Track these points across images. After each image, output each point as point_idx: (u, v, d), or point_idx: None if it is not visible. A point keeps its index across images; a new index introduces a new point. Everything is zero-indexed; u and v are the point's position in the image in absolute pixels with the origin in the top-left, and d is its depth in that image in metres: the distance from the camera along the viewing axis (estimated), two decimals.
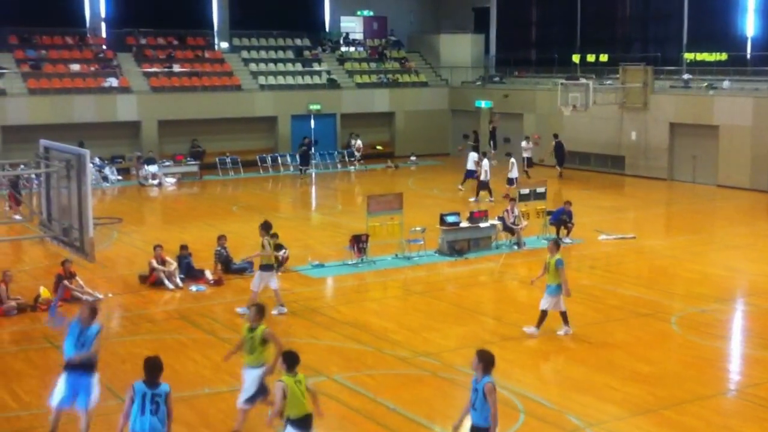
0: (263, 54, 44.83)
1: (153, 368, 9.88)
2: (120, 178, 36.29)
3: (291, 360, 10.22)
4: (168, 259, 19.77)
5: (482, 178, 30.60)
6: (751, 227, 26.76)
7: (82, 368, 11.30)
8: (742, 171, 33.25)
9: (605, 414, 12.56)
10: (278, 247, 20.91)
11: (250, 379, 11.55)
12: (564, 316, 15.91)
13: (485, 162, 30.87)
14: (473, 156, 32.62)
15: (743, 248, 23.91)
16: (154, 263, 19.53)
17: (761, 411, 12.66)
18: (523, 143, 36.50)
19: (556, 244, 16.21)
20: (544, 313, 15.83)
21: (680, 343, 16.00)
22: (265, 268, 17.16)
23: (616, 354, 15.05)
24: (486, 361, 9.67)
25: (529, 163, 35.92)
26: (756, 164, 32.83)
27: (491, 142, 40.10)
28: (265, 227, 17.38)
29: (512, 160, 31.57)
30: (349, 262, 21.38)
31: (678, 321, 16.99)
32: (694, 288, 19.53)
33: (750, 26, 37.14)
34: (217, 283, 19.68)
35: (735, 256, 23.02)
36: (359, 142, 41.29)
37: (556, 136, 36.92)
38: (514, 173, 31.14)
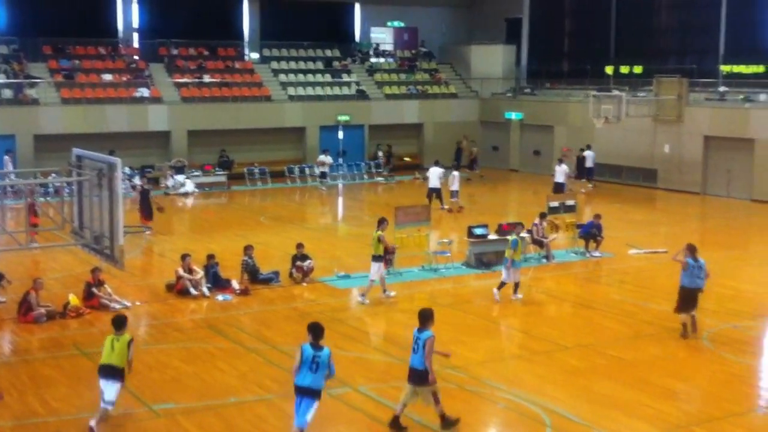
0: (293, 65, 44.97)
1: (421, 316, 12.37)
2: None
3: (118, 322, 12.48)
4: (195, 268, 19.79)
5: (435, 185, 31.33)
6: None
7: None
8: None
9: (635, 430, 12.36)
10: (303, 257, 20.90)
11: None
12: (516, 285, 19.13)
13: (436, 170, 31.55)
14: (436, 171, 32.07)
15: None
16: (181, 272, 19.56)
17: None
18: (556, 167, 33.44)
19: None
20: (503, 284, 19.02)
21: (712, 359, 15.73)
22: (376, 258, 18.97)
23: (647, 370, 14.83)
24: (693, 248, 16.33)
25: (558, 188, 32.01)
26: None
27: (456, 162, 39.92)
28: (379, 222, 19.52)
29: (454, 173, 31.56)
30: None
31: (710, 337, 16.71)
32: (727, 304, 19.21)
33: None
34: (244, 292, 19.65)
35: None
36: (380, 153, 41.76)
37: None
38: (455, 186, 31.19)
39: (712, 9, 39.11)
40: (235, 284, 19.87)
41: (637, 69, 41.85)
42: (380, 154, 41.95)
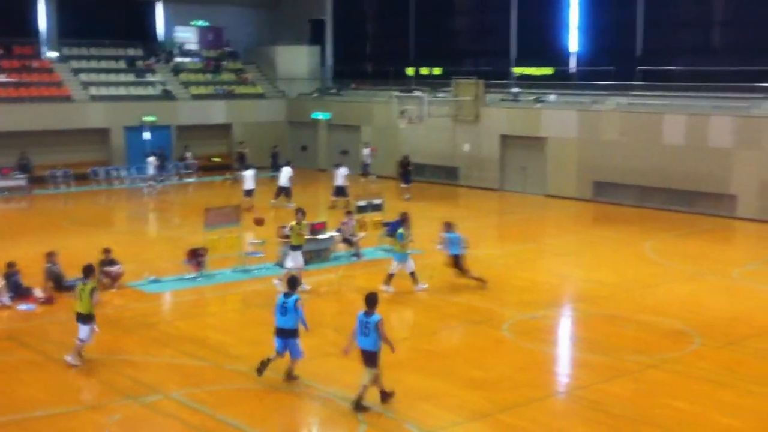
0: (94, 64, 43.49)
1: (370, 300, 13.18)
2: None
3: (86, 270, 15.23)
4: None
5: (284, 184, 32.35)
6: (577, 235, 28.12)
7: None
8: (568, 181, 34.89)
9: (443, 420, 12.87)
10: (111, 262, 20.36)
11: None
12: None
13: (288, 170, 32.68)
14: (287, 171, 32.89)
15: (570, 255, 25.11)
16: None
17: (588, 411, 13.28)
18: (335, 170, 33.43)
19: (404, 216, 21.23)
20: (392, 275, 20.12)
21: (512, 348, 16.57)
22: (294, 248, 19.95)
23: (453, 361, 15.46)
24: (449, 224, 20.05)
25: (339, 191, 32.65)
26: (580, 174, 34.52)
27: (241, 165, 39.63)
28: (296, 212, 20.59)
29: (246, 173, 32.23)
30: (187, 277, 21.05)
31: (509, 327, 17.60)
32: (525, 295, 20.29)
33: (573, 42, 39.04)
34: (48, 301, 18.94)
35: (563, 263, 24.15)
36: (189, 154, 41.13)
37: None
38: (249, 185, 31.88)
39: (503, 14, 41.13)
40: (39, 293, 19.11)
41: (437, 70, 43.32)
42: (188, 155, 41.32)
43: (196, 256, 21.19)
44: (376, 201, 25.34)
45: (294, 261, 19.91)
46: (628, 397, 13.83)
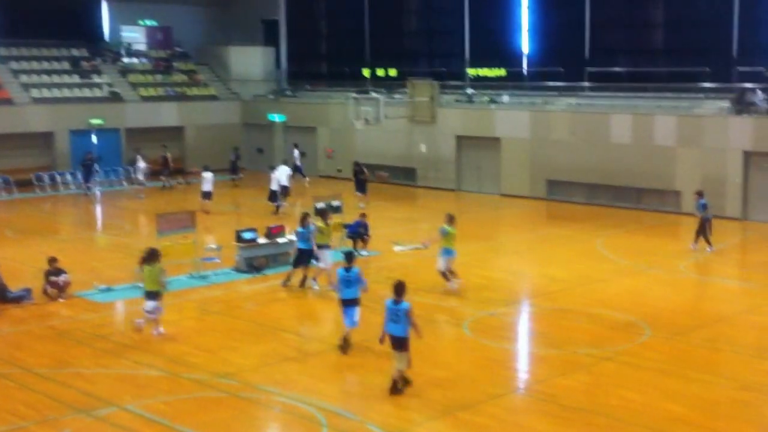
0: (36, 65, 42.43)
1: (398, 289, 13.65)
2: None
3: (150, 255, 16.58)
4: None
5: (274, 187, 31.56)
6: (531, 233, 28.29)
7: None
8: (522, 180, 35.04)
9: (404, 420, 12.78)
10: (58, 271, 19.77)
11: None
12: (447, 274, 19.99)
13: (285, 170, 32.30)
14: (285, 170, 32.49)
15: (525, 253, 25.31)
16: None
17: (547, 406, 13.31)
18: (271, 174, 32.58)
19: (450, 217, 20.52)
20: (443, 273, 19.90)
21: (472, 346, 16.55)
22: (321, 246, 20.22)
23: (414, 360, 15.26)
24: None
25: (284, 190, 32.34)
26: (533, 174, 34.71)
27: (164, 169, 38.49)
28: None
29: (205, 174, 31.61)
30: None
31: (470, 325, 17.57)
32: (483, 293, 20.28)
33: (525, 44, 39.20)
34: None
35: (519, 261, 24.31)
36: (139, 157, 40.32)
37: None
38: (207, 187, 31.46)
39: (456, 15, 41.16)
40: None
41: (392, 71, 43.22)
42: (138, 157, 40.52)
43: None
44: (335, 203, 24.98)
45: (324, 258, 20.24)
46: (582, 389, 13.97)
